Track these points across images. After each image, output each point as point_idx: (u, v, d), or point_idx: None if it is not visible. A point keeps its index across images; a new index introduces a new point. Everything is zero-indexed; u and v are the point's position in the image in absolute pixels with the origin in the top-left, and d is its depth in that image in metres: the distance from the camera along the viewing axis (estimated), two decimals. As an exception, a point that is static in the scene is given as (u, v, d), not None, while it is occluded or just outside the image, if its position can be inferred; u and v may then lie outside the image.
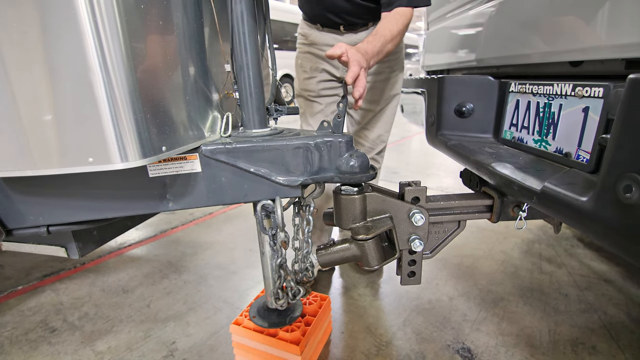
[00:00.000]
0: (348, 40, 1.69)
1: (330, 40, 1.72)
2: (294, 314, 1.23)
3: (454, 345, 1.34)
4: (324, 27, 1.70)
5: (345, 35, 1.69)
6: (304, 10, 1.74)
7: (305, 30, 1.78)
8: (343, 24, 1.66)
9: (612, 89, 0.75)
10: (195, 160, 0.90)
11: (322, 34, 1.72)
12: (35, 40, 0.64)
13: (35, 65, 0.65)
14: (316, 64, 1.78)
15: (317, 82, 1.79)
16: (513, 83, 1.12)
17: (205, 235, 2.36)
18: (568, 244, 2.09)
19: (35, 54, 0.65)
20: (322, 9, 1.63)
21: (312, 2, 1.65)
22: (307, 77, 1.80)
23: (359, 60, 1.04)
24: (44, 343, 1.40)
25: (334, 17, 1.64)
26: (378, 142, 1.83)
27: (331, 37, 1.72)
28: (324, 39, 1.73)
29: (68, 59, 0.64)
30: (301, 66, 1.83)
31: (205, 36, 0.93)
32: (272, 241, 1.03)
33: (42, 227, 0.94)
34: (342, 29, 1.68)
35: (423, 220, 0.99)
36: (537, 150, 1.01)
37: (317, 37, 1.74)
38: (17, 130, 0.69)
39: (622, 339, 1.34)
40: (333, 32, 1.70)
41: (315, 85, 1.80)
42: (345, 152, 0.94)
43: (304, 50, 1.80)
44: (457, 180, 3.43)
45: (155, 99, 0.74)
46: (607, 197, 0.60)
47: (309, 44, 1.78)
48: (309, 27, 1.76)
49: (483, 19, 1.32)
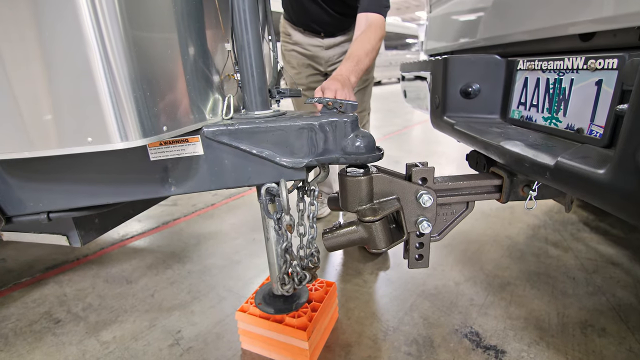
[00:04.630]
0: (328, 42, 1.86)
1: (314, 42, 1.87)
2: (300, 300, 1.22)
3: (462, 329, 1.33)
4: (306, 31, 1.85)
5: (326, 39, 1.86)
6: (288, 14, 1.88)
7: (288, 29, 1.92)
8: (324, 32, 1.83)
9: (628, 59, 0.73)
10: (197, 143, 0.88)
11: (305, 37, 1.87)
12: (29, 17, 0.61)
13: (31, 43, 0.63)
14: (302, 60, 1.94)
15: (306, 77, 1.96)
16: (521, 60, 1.09)
17: (208, 225, 2.34)
18: (574, 228, 2.07)
19: (29, 32, 0.62)
20: (307, 18, 1.79)
21: (297, 11, 1.79)
22: (296, 72, 1.97)
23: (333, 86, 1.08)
24: (48, 334, 1.40)
25: (316, 26, 1.81)
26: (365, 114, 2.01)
27: (314, 39, 1.87)
28: (307, 40, 1.88)
29: (64, 36, 0.61)
30: (289, 62, 1.99)
31: (205, 14, 0.90)
32: (277, 225, 1.01)
33: (42, 213, 0.92)
34: (323, 35, 1.85)
35: (431, 201, 0.97)
36: (547, 128, 0.98)
37: (301, 38, 1.89)
38: (14, 111, 0.67)
39: (631, 321, 1.33)
40: (315, 36, 1.86)
41: (305, 79, 1.97)
42: (351, 133, 0.91)
43: (289, 48, 1.95)
44: (459, 168, 3.41)
45: (155, 78, 0.71)
46: (627, 167, 0.58)
47: (293, 43, 1.92)
48: (292, 28, 1.90)
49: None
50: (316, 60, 1.91)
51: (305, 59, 1.92)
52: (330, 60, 1.90)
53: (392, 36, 15.39)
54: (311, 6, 1.69)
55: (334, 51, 1.88)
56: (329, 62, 1.91)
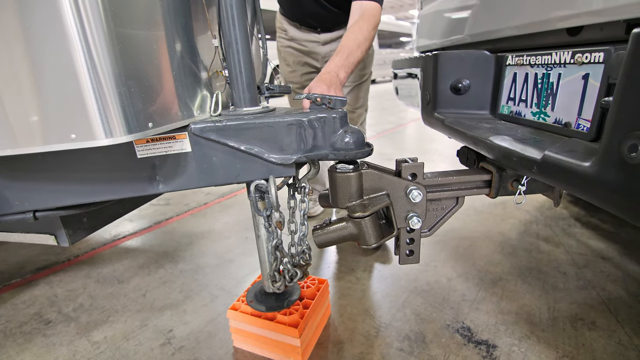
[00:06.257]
0: (325, 38, 1.82)
1: (310, 37, 1.83)
2: (291, 298, 1.22)
3: (454, 324, 1.34)
4: (302, 26, 1.81)
5: (322, 35, 1.81)
6: (284, 8, 1.84)
7: (284, 25, 1.87)
8: (320, 27, 1.79)
9: (614, 52, 0.73)
10: (184, 140, 0.87)
11: (301, 32, 1.83)
12: (10, 13, 0.60)
13: (13, 38, 0.61)
14: (298, 57, 1.89)
15: (301, 75, 1.93)
16: (510, 56, 1.09)
17: (201, 225, 2.33)
18: (565, 223, 2.08)
19: (11, 28, 0.61)
20: (302, 13, 1.75)
21: (293, 6, 1.76)
22: (291, 70, 1.93)
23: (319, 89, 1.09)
24: (38, 335, 1.38)
25: (312, 21, 1.76)
26: (362, 111, 1.98)
27: (310, 35, 1.83)
28: (303, 36, 1.83)
29: (47, 32, 0.60)
30: (284, 60, 1.94)
31: (192, 10, 0.89)
32: (267, 222, 1.01)
33: (28, 212, 0.91)
34: (319, 30, 1.80)
35: (421, 196, 0.97)
36: (536, 123, 0.99)
37: (297, 34, 1.84)
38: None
39: (621, 314, 1.34)
40: (311, 32, 1.82)
41: (299, 78, 1.93)
42: (340, 128, 0.91)
43: (285, 45, 1.90)
44: (452, 165, 3.42)
45: (140, 74, 0.70)
46: (611, 159, 0.58)
47: (289, 39, 1.87)
48: (287, 23, 1.85)
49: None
50: (312, 56, 1.87)
51: (301, 56, 1.88)
52: (327, 56, 1.87)
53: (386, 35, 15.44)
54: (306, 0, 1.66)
55: (330, 47, 1.85)
56: (325, 58, 1.88)
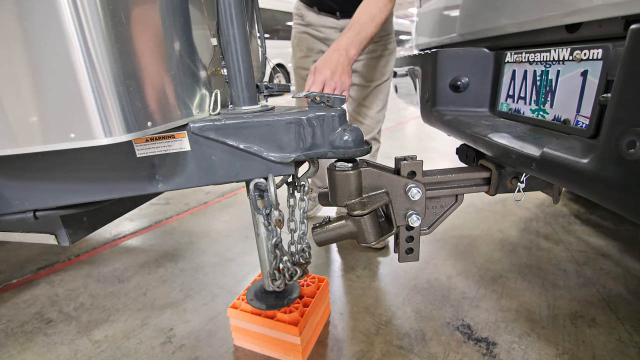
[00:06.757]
0: (343, 24, 1.71)
1: (327, 22, 1.73)
2: (291, 296, 1.22)
3: (454, 322, 1.34)
4: (320, 11, 1.72)
5: (341, 20, 1.71)
6: None
7: (302, 11, 1.80)
8: (340, 11, 1.68)
9: (612, 49, 0.73)
10: (183, 139, 0.87)
11: (319, 17, 1.74)
12: (8, 13, 0.60)
13: (12, 38, 0.62)
14: (312, 44, 1.81)
15: (313, 62, 1.81)
16: (509, 53, 1.09)
17: (201, 224, 2.33)
18: (565, 221, 2.08)
19: (10, 27, 0.61)
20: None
21: None
22: (303, 55, 1.84)
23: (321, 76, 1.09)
24: (39, 334, 1.38)
25: (331, 3, 1.66)
26: (379, 117, 1.87)
27: (328, 20, 1.74)
28: (320, 21, 1.74)
29: (46, 31, 0.60)
30: (297, 45, 1.86)
31: (190, 9, 0.89)
32: (267, 221, 1.01)
33: (28, 212, 0.91)
34: (339, 15, 1.70)
35: (420, 194, 0.98)
36: (535, 120, 0.99)
37: (314, 19, 1.75)
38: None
39: (621, 311, 1.34)
40: (330, 16, 1.72)
41: (311, 64, 1.82)
42: (339, 127, 0.91)
43: (301, 30, 1.82)
44: (451, 163, 3.42)
45: (139, 73, 0.70)
46: (610, 155, 0.58)
47: (306, 24, 1.79)
48: (305, 8, 1.78)
49: (477, -10, 1.29)
50: (328, 43, 1.79)
51: (316, 42, 1.80)
52: None
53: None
54: None
55: None
56: None
